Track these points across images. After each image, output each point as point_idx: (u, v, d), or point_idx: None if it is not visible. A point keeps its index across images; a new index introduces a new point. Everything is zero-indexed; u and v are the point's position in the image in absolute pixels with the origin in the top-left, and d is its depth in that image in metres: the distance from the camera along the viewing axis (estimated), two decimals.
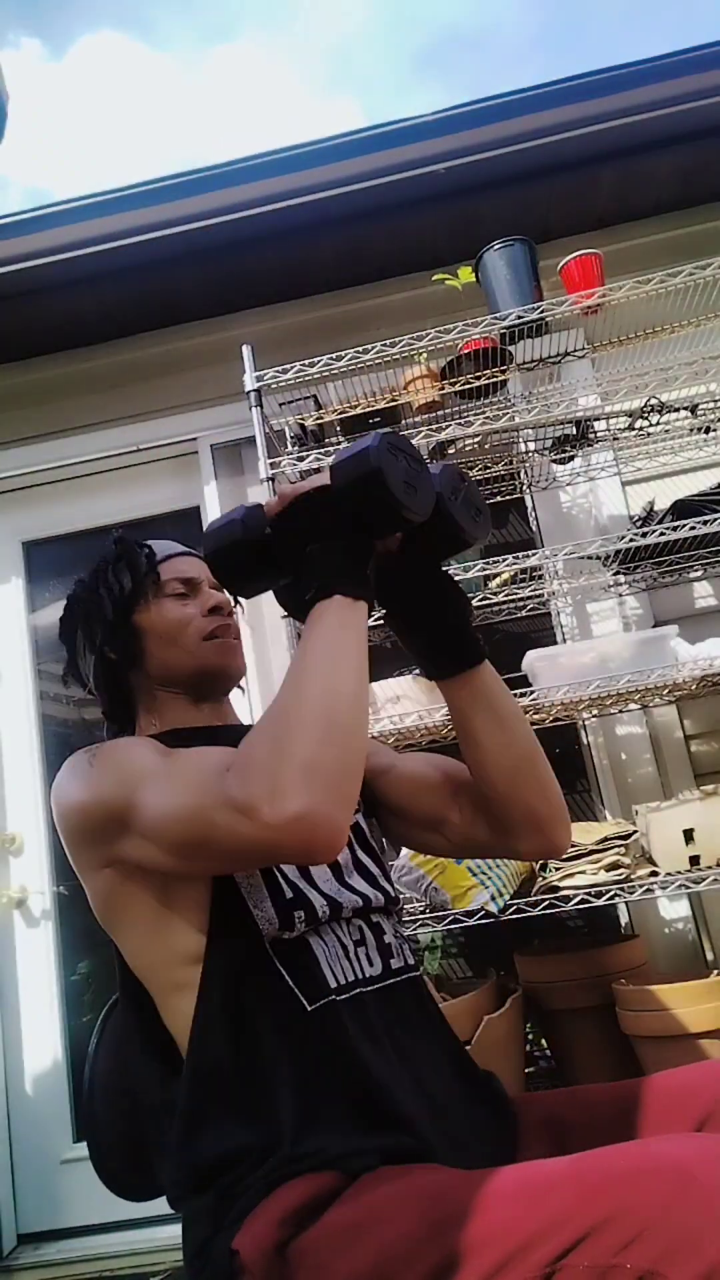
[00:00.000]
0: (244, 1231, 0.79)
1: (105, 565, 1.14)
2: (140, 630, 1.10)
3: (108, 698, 1.14)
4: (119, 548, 1.15)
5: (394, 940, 1.03)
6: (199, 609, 1.12)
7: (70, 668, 1.17)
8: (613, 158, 2.38)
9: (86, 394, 2.78)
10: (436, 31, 47.32)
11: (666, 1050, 1.73)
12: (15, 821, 2.64)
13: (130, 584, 1.10)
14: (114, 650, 1.10)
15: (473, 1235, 0.69)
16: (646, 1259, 0.63)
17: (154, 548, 1.15)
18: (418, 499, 0.91)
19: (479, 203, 2.43)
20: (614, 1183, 0.67)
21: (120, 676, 1.12)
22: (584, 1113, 0.97)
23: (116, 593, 1.10)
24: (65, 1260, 2.30)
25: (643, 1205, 0.65)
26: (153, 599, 1.11)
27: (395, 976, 0.99)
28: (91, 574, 1.15)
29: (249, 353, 2.12)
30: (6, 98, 2.43)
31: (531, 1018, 2.06)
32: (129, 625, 1.10)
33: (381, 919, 1.04)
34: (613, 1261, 0.64)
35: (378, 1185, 0.79)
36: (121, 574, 1.12)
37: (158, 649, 1.10)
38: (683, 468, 2.36)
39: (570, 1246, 0.65)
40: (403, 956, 1.02)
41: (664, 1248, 0.62)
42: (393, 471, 0.87)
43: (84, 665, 1.14)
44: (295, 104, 51.16)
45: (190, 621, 1.10)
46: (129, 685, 1.12)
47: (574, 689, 1.87)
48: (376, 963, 0.99)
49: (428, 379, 2.14)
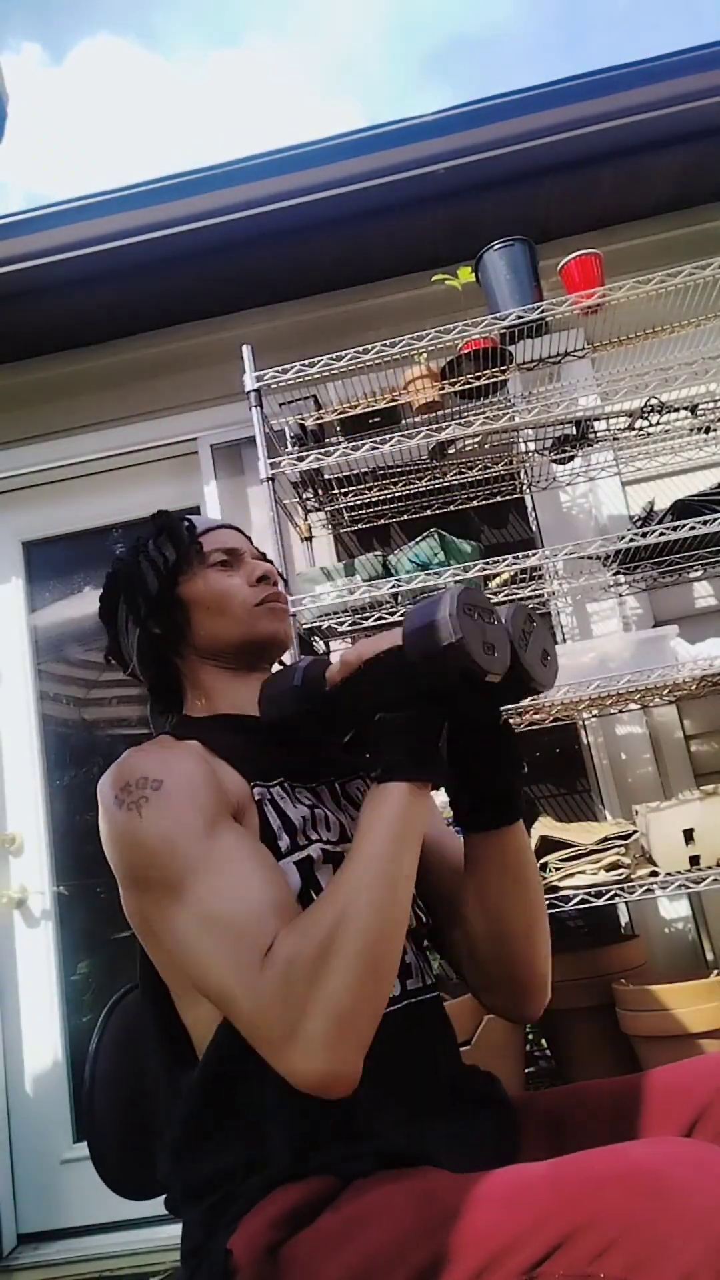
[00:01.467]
0: (239, 1233, 0.80)
1: (145, 540, 1.11)
2: (186, 602, 1.07)
3: (152, 676, 1.11)
4: (158, 521, 1.12)
5: (414, 961, 1.00)
6: (245, 578, 1.10)
7: (112, 648, 1.13)
8: (613, 158, 2.39)
9: (86, 394, 2.79)
10: (441, 37, 47.31)
11: (666, 1050, 1.73)
12: (15, 821, 2.64)
13: (174, 555, 1.08)
14: (159, 624, 1.07)
15: (456, 1239, 0.69)
16: (620, 1267, 0.63)
17: (194, 521, 1.13)
18: (497, 660, 0.85)
19: (479, 203, 2.44)
20: (589, 1189, 0.67)
21: (165, 652, 1.09)
22: (583, 1110, 0.97)
23: (160, 565, 1.08)
24: (65, 1260, 2.30)
25: (617, 1212, 0.65)
26: (197, 570, 1.08)
27: (410, 999, 0.97)
28: (131, 549, 1.12)
29: (249, 353, 2.12)
30: (6, 98, 2.43)
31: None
32: (174, 597, 1.07)
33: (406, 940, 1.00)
34: (588, 1270, 0.64)
35: (369, 1190, 0.79)
36: (164, 546, 1.09)
37: (205, 620, 1.07)
38: (683, 468, 2.36)
39: (547, 1254, 0.65)
40: (420, 978, 1.00)
41: (637, 1256, 0.62)
42: (473, 637, 0.81)
43: (126, 644, 1.11)
44: (298, 109, 51.21)
45: (238, 591, 1.08)
46: (174, 662, 1.10)
47: (574, 689, 1.87)
48: (396, 985, 0.96)
49: (428, 379, 2.14)
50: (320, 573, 2.14)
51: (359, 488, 2.36)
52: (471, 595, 0.85)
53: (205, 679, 1.09)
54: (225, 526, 1.16)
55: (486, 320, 2.04)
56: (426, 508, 2.40)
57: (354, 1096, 0.86)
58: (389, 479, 2.36)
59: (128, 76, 45.33)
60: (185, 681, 1.10)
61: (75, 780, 2.71)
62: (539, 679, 0.92)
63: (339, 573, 2.12)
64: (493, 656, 0.84)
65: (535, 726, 2.13)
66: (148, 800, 0.87)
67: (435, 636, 0.81)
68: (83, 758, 2.73)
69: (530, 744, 2.44)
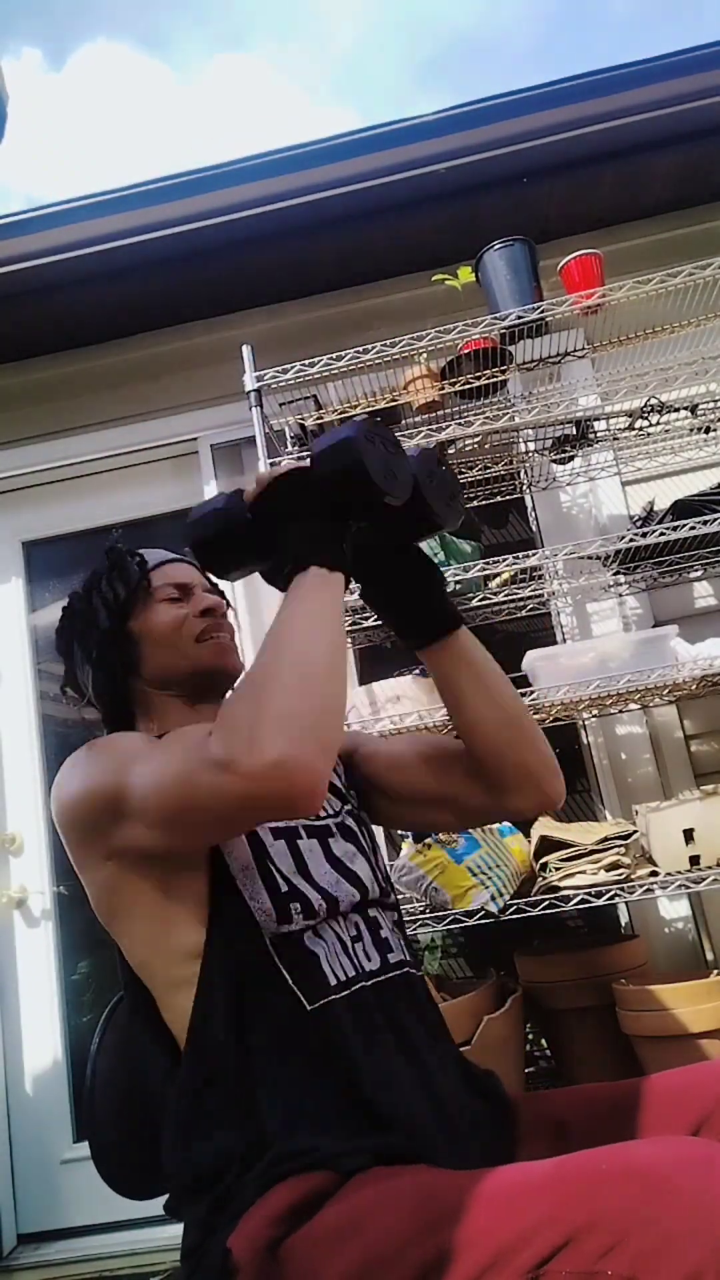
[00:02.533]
0: (238, 1230, 0.80)
1: (98, 577, 1.16)
2: (136, 636, 1.11)
3: (107, 706, 1.15)
4: (110, 558, 1.16)
5: (390, 935, 1.03)
6: (192, 611, 1.13)
7: (68, 678, 1.18)
8: (613, 158, 2.38)
9: (86, 394, 2.79)
10: (443, 41, 47.34)
11: (666, 1050, 1.73)
12: (15, 821, 2.64)
13: (124, 592, 1.12)
14: (111, 658, 1.12)
15: (459, 1237, 0.69)
16: (626, 1265, 0.63)
17: (145, 556, 1.17)
18: (397, 484, 0.95)
19: (479, 203, 2.43)
20: (595, 1187, 0.68)
21: (118, 684, 1.13)
22: (584, 1112, 0.97)
23: (111, 601, 1.12)
24: (65, 1260, 2.30)
25: (623, 1211, 0.65)
26: (146, 605, 1.12)
27: (394, 970, 1.00)
28: (85, 586, 1.17)
29: (249, 353, 2.12)
30: (6, 97, 2.43)
31: (531, 1018, 2.06)
32: (125, 632, 1.11)
33: (378, 913, 1.04)
34: (594, 1268, 0.64)
35: (369, 1185, 0.79)
36: (115, 583, 1.13)
37: (153, 653, 1.11)
38: (683, 468, 2.36)
39: (553, 1252, 0.66)
40: (400, 951, 1.03)
41: (643, 1253, 0.63)
42: (373, 458, 0.91)
43: (82, 676, 1.15)
44: (298, 112, 51.20)
45: (183, 623, 1.12)
46: (127, 693, 1.14)
47: (574, 689, 1.87)
48: (375, 957, 0.99)
49: (428, 379, 2.14)
50: None
51: None
52: (377, 426, 0.95)
53: (158, 707, 1.12)
54: (176, 560, 1.19)
55: (486, 320, 2.04)
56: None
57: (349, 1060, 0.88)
58: None
59: (128, 80, 45.31)
60: (138, 711, 1.14)
61: None
62: (442, 514, 1.03)
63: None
64: (393, 481, 0.94)
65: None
66: (90, 748, 0.99)
67: (338, 453, 0.91)
68: None
69: None
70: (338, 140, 2.43)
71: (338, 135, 2.44)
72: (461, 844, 1.81)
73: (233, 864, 0.95)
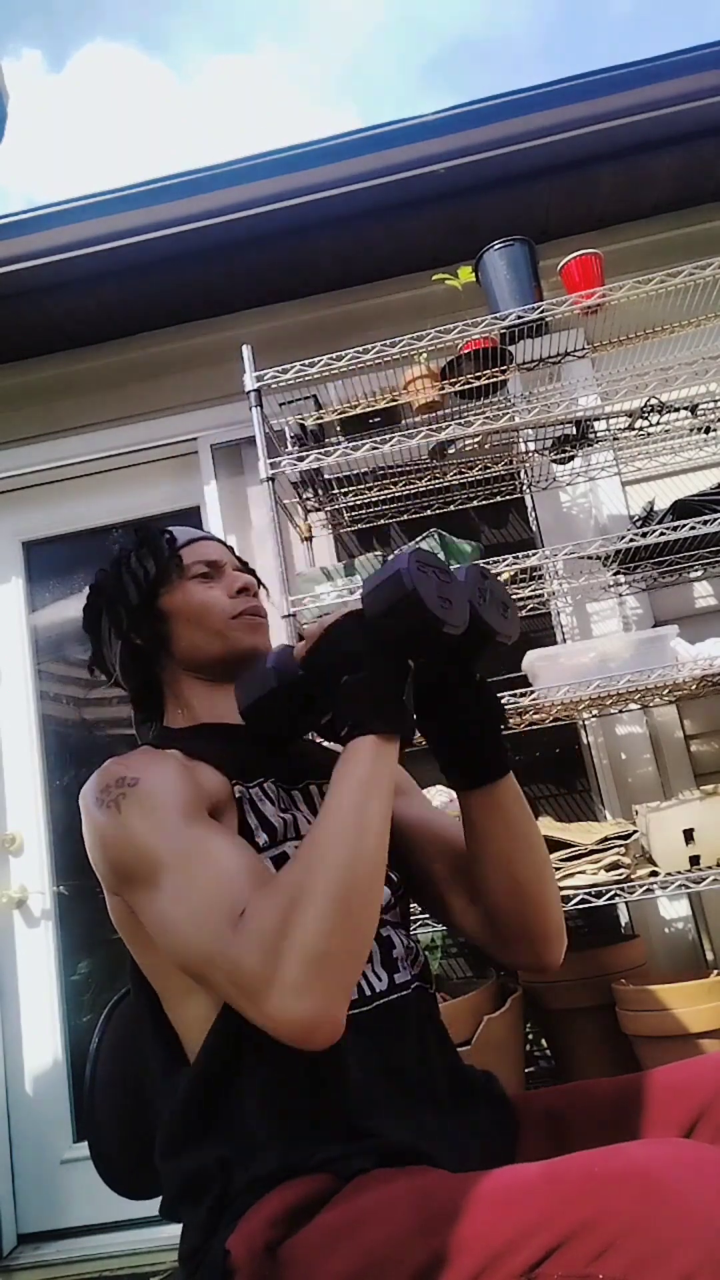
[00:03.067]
0: (237, 1232, 0.80)
1: (127, 553, 1.13)
2: (166, 614, 1.09)
3: (135, 686, 1.13)
4: (140, 534, 1.14)
5: (402, 954, 1.01)
6: (225, 590, 1.11)
7: (95, 658, 1.15)
8: (613, 158, 2.38)
9: (86, 394, 2.79)
10: (445, 43, 47.35)
11: (666, 1050, 1.73)
12: (15, 821, 2.64)
13: (155, 568, 1.10)
14: (140, 636, 1.09)
15: (454, 1239, 0.69)
16: (620, 1268, 0.63)
17: (175, 533, 1.15)
18: (454, 612, 0.88)
19: (479, 203, 2.43)
20: (588, 1189, 0.67)
21: (147, 663, 1.11)
22: (583, 1109, 0.97)
23: (141, 577, 1.09)
24: (65, 1260, 2.30)
25: (615, 1213, 0.65)
26: (178, 582, 1.10)
27: (399, 991, 0.97)
28: (113, 562, 1.14)
29: (249, 353, 2.12)
30: (6, 97, 2.43)
31: (531, 1018, 2.06)
32: (155, 609, 1.09)
33: (392, 932, 1.02)
34: (587, 1271, 0.64)
35: (367, 1188, 0.79)
36: (145, 559, 1.11)
37: (185, 632, 1.08)
38: (683, 468, 2.36)
39: (546, 1254, 0.65)
40: (409, 970, 1.00)
41: (636, 1256, 0.62)
42: (427, 590, 0.85)
43: (109, 654, 1.13)
44: (300, 115, 51.19)
45: (217, 603, 1.09)
46: (156, 673, 1.11)
47: (574, 689, 1.87)
48: (383, 977, 0.97)
49: (428, 379, 2.14)
50: (320, 573, 2.14)
51: (359, 488, 2.36)
52: (425, 555, 0.89)
53: (186, 690, 1.10)
54: (206, 538, 1.17)
55: (486, 320, 2.04)
56: (426, 508, 2.40)
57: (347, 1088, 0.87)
58: (389, 479, 2.35)
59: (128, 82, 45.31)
60: (167, 692, 1.12)
61: (75, 780, 2.70)
62: (501, 629, 0.95)
63: (339, 573, 2.12)
64: (449, 608, 0.87)
65: (535, 726, 2.13)
66: (125, 797, 0.91)
67: (390, 590, 0.85)
68: (83, 758, 2.72)
69: (530, 744, 2.44)
70: (338, 140, 2.43)
71: (337, 135, 2.44)
72: None
73: None
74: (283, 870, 0.85)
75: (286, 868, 0.84)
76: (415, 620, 0.85)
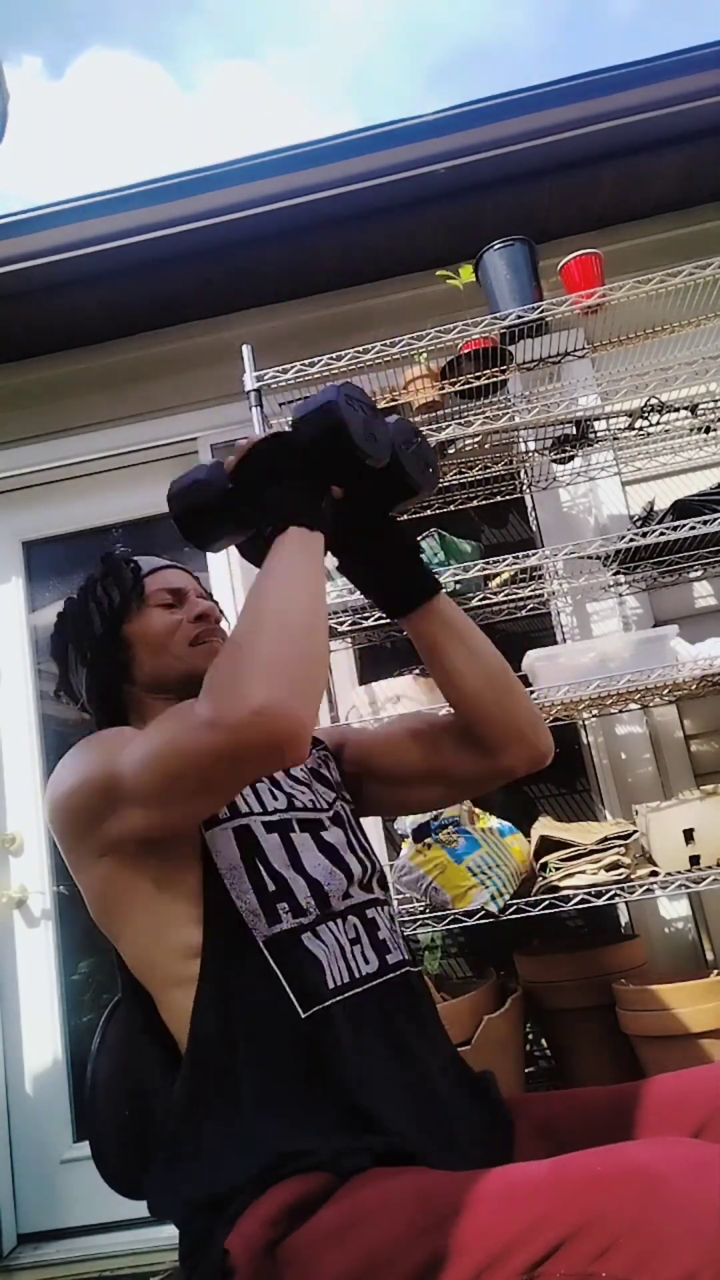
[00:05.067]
0: (235, 1231, 0.80)
1: (93, 583, 1.17)
2: (129, 641, 1.12)
3: (100, 710, 1.15)
4: (105, 564, 1.17)
5: (388, 935, 1.03)
6: (186, 616, 1.14)
7: (62, 684, 1.19)
8: (613, 158, 2.38)
9: (86, 394, 2.78)
10: (451, 48, 47.34)
11: (666, 1050, 1.73)
12: (15, 821, 2.64)
13: (118, 597, 1.13)
14: (105, 662, 1.12)
15: (456, 1238, 0.69)
16: (622, 1266, 0.63)
17: (140, 562, 1.18)
18: (377, 446, 0.96)
19: (479, 203, 2.43)
20: (591, 1188, 0.68)
21: (112, 689, 1.14)
22: (581, 1116, 0.97)
23: (105, 606, 1.13)
24: (65, 1260, 2.30)
25: (618, 1212, 0.65)
26: (140, 610, 1.13)
27: (392, 972, 1.00)
28: (80, 592, 1.18)
29: (249, 353, 2.12)
30: (6, 97, 2.43)
31: (531, 1018, 2.06)
32: (119, 637, 1.12)
33: (376, 913, 1.04)
34: (589, 1269, 0.64)
35: (366, 1186, 0.79)
36: (109, 588, 1.14)
37: (147, 657, 1.11)
38: (683, 468, 2.36)
39: (548, 1253, 0.66)
40: (399, 951, 1.03)
41: (638, 1255, 0.63)
42: (354, 421, 0.93)
43: (76, 681, 1.16)
44: (306, 120, 51.22)
45: (177, 628, 1.12)
46: (121, 698, 1.14)
47: (574, 689, 1.87)
48: (373, 960, 0.99)
49: (428, 379, 2.14)
50: None
51: None
52: (355, 390, 0.97)
53: (150, 711, 1.12)
54: (170, 567, 1.20)
55: (486, 320, 2.04)
56: (426, 507, 2.40)
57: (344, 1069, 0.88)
58: None
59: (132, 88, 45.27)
60: (131, 716, 1.14)
61: None
62: (419, 479, 1.05)
63: (339, 573, 2.11)
64: (373, 443, 0.96)
65: None
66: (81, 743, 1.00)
67: (320, 416, 0.93)
68: None
69: None
70: (338, 140, 2.43)
71: (338, 135, 2.44)
72: (461, 844, 1.81)
73: (220, 863, 0.96)
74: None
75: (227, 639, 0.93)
76: (339, 445, 0.92)
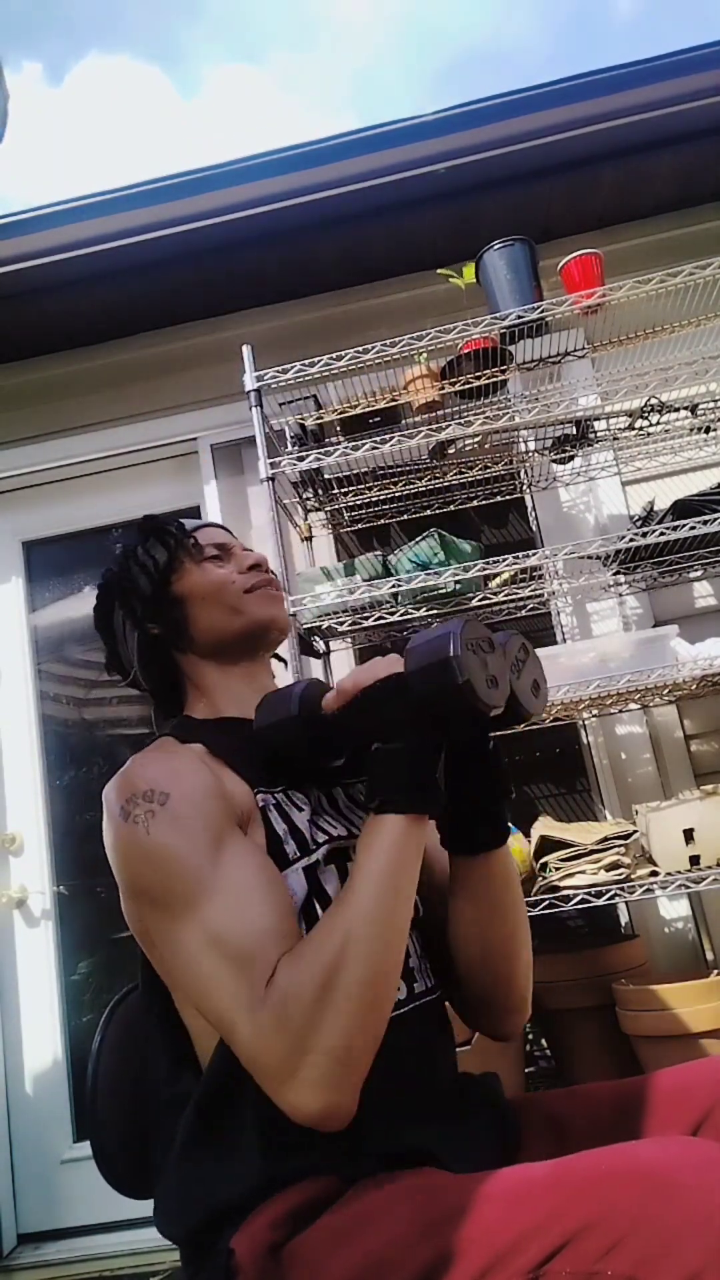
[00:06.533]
0: (241, 1232, 0.80)
1: (133, 547, 1.12)
2: (181, 598, 1.08)
3: (154, 679, 1.11)
4: (146, 526, 1.14)
5: (417, 963, 1.00)
6: (238, 567, 1.11)
7: (111, 658, 1.14)
8: (613, 158, 2.39)
9: (86, 394, 2.79)
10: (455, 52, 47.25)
11: (667, 1050, 1.73)
12: (15, 821, 2.64)
13: (165, 555, 1.09)
14: (157, 624, 1.08)
15: (460, 1238, 0.69)
16: (627, 1265, 0.63)
17: (180, 521, 1.15)
18: (498, 693, 0.85)
19: (479, 203, 2.44)
20: (595, 1187, 0.67)
21: (166, 652, 1.10)
22: (584, 1112, 0.97)
23: (151, 567, 1.09)
24: (65, 1260, 2.30)
25: (623, 1211, 0.65)
26: (189, 564, 1.10)
27: (416, 1001, 0.96)
28: (120, 558, 1.13)
29: (249, 353, 2.12)
30: (7, 96, 2.43)
31: (531, 1018, 2.05)
32: (169, 595, 1.08)
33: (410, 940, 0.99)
34: (594, 1268, 0.64)
35: (372, 1189, 0.79)
36: (153, 548, 1.10)
37: (202, 612, 1.07)
38: (683, 468, 2.36)
39: (553, 1252, 0.65)
40: (426, 979, 1.00)
41: (644, 1254, 0.62)
42: (479, 674, 0.82)
43: (125, 650, 1.11)
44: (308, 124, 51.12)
45: (231, 579, 1.09)
46: (175, 663, 1.10)
47: (574, 689, 1.87)
48: (402, 989, 0.95)
49: (428, 379, 2.14)
50: (320, 573, 2.14)
51: (359, 488, 2.36)
52: (474, 629, 0.85)
53: (207, 679, 1.09)
54: (211, 525, 1.17)
55: (486, 320, 2.04)
56: (426, 507, 2.40)
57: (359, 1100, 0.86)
58: (389, 479, 2.35)
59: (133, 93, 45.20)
60: (187, 682, 1.10)
61: (75, 780, 2.71)
62: (529, 708, 0.93)
63: (339, 573, 2.12)
64: (494, 690, 0.85)
65: (535, 726, 2.13)
66: (154, 815, 0.87)
67: (441, 674, 0.81)
68: (83, 758, 2.72)
69: (530, 744, 2.44)
70: (338, 140, 2.43)
71: (338, 135, 2.44)
72: None
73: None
74: (312, 941, 0.82)
75: (316, 938, 0.82)
76: (465, 707, 0.82)
